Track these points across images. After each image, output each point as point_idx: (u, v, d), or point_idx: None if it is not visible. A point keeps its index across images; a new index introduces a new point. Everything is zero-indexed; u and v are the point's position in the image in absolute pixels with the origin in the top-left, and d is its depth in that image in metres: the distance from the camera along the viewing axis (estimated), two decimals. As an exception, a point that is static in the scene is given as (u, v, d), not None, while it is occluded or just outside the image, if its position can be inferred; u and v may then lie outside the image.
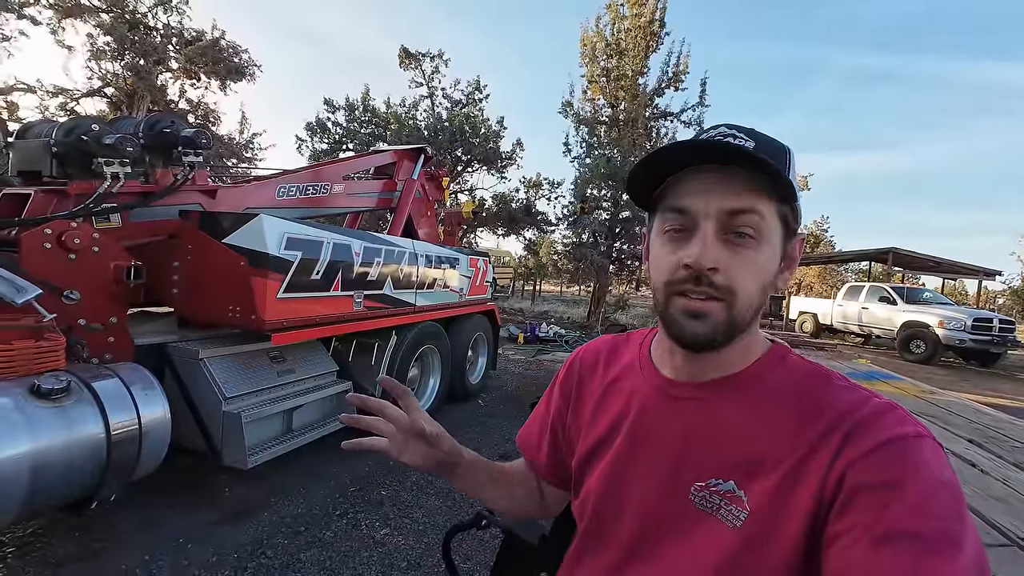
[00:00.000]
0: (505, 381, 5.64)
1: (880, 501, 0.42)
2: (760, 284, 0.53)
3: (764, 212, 0.51)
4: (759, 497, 0.50)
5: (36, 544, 2.06)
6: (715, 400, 0.57)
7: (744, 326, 0.54)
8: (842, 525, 0.43)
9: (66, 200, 2.28)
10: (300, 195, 3.50)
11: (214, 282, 2.44)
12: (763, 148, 0.52)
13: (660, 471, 0.57)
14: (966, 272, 13.96)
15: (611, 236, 10.98)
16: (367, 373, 3.27)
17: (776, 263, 0.54)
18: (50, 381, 1.65)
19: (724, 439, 0.54)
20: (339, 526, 2.39)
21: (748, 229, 0.51)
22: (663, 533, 0.56)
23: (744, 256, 0.51)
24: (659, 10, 10.55)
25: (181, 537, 2.18)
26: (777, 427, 0.52)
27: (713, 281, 0.51)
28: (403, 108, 13.18)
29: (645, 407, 0.62)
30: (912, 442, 0.45)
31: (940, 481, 0.43)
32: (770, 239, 0.52)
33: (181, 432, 2.17)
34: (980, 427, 2.38)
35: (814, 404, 0.51)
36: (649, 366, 0.64)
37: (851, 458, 0.45)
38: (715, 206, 0.51)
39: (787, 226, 0.54)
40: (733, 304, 0.51)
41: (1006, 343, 9.43)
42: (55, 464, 1.59)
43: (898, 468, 0.44)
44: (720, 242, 0.51)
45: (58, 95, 10.85)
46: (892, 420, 0.47)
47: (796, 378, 0.55)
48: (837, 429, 0.48)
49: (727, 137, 0.53)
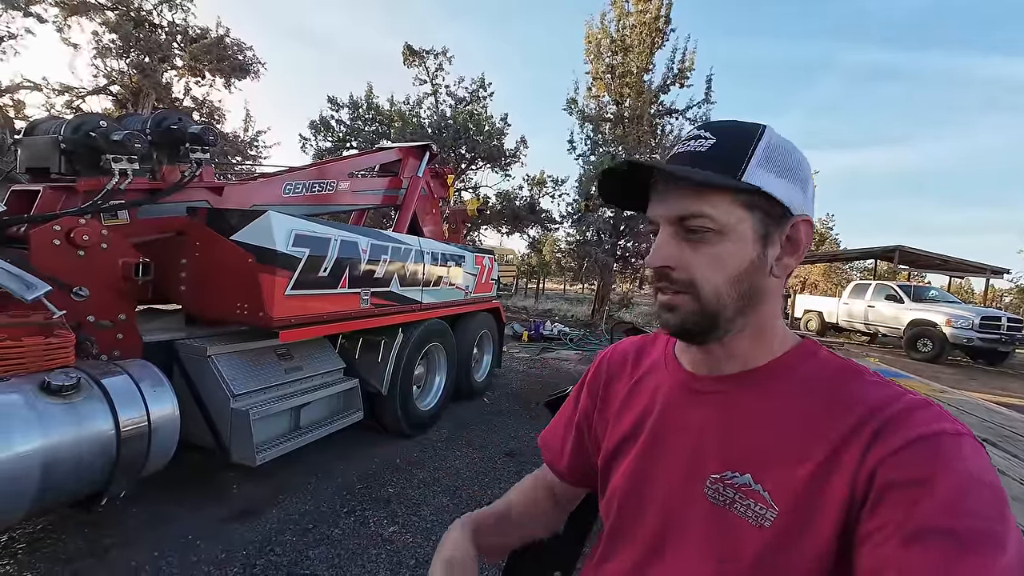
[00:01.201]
0: (510, 379, 5.63)
1: (911, 498, 0.41)
2: (726, 275, 0.53)
3: (713, 212, 0.53)
4: (785, 494, 0.48)
5: (46, 540, 2.07)
6: (737, 394, 0.56)
7: (726, 314, 0.54)
8: (873, 524, 0.42)
9: (75, 197, 2.28)
10: (306, 192, 3.50)
11: (222, 279, 2.44)
12: (719, 146, 0.54)
13: (680, 465, 0.57)
14: (973, 270, 13.83)
15: (615, 234, 10.94)
16: (374, 370, 3.27)
17: (750, 252, 0.53)
18: (60, 377, 1.64)
19: (743, 432, 0.54)
20: (347, 523, 2.39)
21: (701, 228, 0.53)
22: (682, 529, 0.55)
23: (700, 250, 0.54)
24: (665, 6, 10.48)
25: (190, 534, 2.18)
26: (804, 422, 0.51)
27: (671, 277, 0.55)
28: (407, 106, 13.15)
29: (669, 402, 0.62)
30: (948, 439, 0.44)
31: (977, 479, 0.41)
32: (733, 231, 0.53)
33: (189, 429, 2.17)
34: (994, 426, 2.35)
35: (844, 399, 0.50)
36: (673, 362, 0.65)
37: (881, 455, 0.44)
38: (665, 214, 0.56)
39: (764, 212, 0.53)
40: (698, 296, 0.54)
41: (1014, 342, 9.36)
42: (66, 460, 1.59)
43: (929, 464, 0.42)
44: (679, 241, 0.55)
45: (64, 93, 10.88)
46: (927, 416, 0.46)
47: (826, 373, 0.54)
48: (867, 425, 0.47)
49: (692, 140, 0.56)
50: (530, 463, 3.30)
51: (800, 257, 0.57)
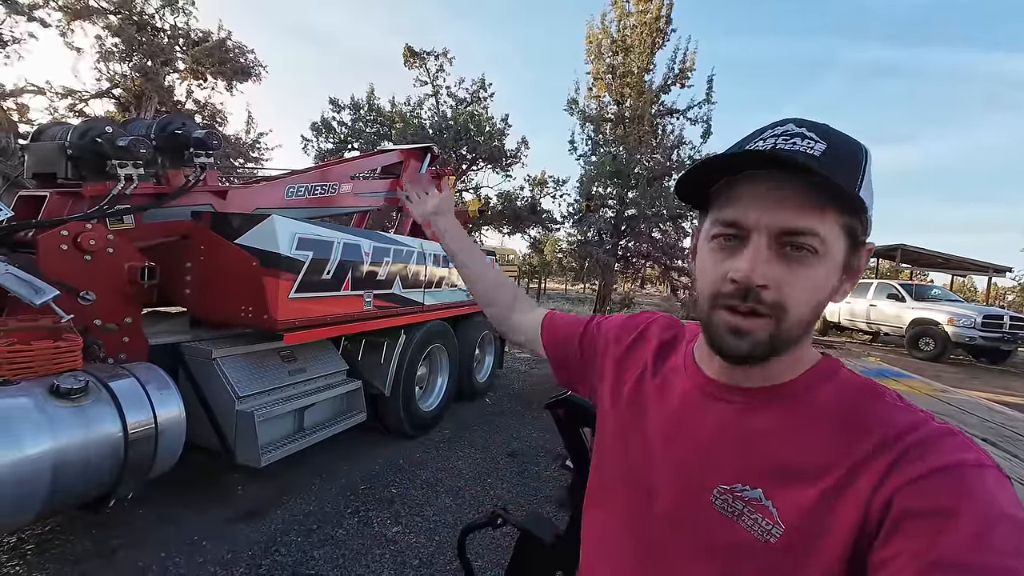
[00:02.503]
0: (512, 380, 5.65)
1: (931, 529, 0.39)
2: (814, 301, 0.49)
3: (824, 231, 0.47)
4: (794, 512, 0.47)
5: (55, 541, 2.10)
6: (755, 407, 0.54)
7: (791, 343, 0.51)
8: (887, 552, 0.41)
9: (81, 202, 2.30)
10: (309, 195, 3.52)
11: (226, 282, 2.46)
12: (835, 152, 0.47)
13: (686, 469, 0.56)
14: (975, 268, 13.81)
15: (616, 234, 10.96)
16: (377, 372, 3.29)
17: (835, 279, 0.50)
18: (69, 381, 1.67)
19: (758, 445, 0.52)
20: (351, 524, 2.41)
21: (806, 246, 0.47)
22: (683, 535, 0.54)
23: (798, 273, 0.48)
24: (665, 6, 10.51)
25: (196, 535, 2.21)
26: (820, 441, 0.49)
27: (761, 297, 0.48)
28: (408, 107, 13.19)
29: (685, 405, 0.60)
30: (971, 471, 0.42)
31: (1002, 513, 0.39)
32: (830, 254, 0.48)
33: (195, 431, 2.19)
34: (995, 426, 2.35)
35: (862, 421, 0.48)
36: (693, 367, 0.63)
37: (900, 482, 0.42)
38: (768, 221, 0.48)
39: (853, 238, 0.50)
40: (781, 321, 0.48)
41: (1017, 340, 9.32)
42: (75, 462, 1.62)
43: (952, 495, 0.40)
44: (773, 256, 0.48)
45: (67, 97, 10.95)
46: (950, 446, 0.44)
47: (846, 393, 0.52)
48: (887, 450, 0.45)
49: (793, 137, 0.48)
50: (532, 463, 3.31)
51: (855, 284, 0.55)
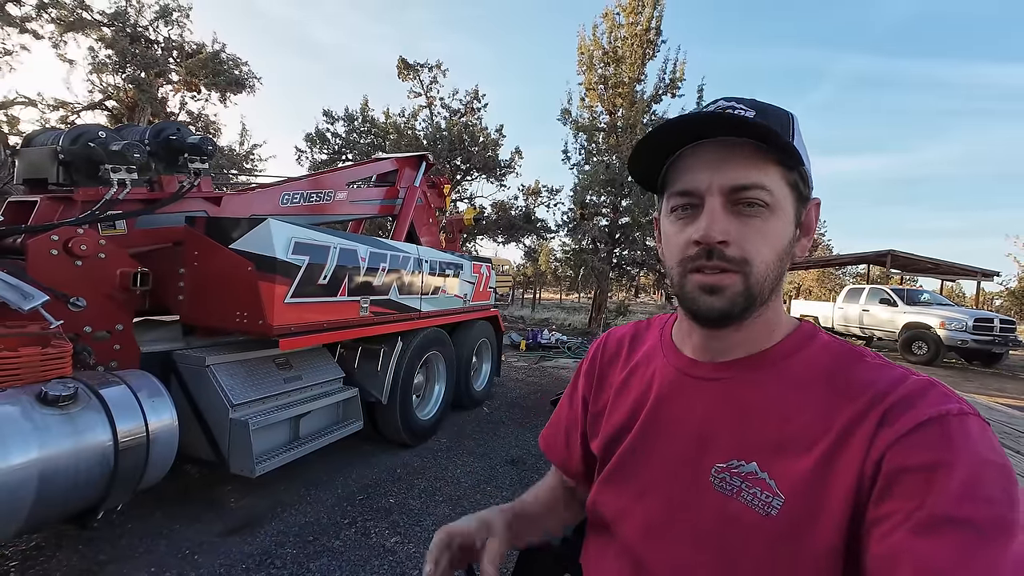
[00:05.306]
0: (509, 388, 5.60)
1: (922, 484, 0.40)
2: (776, 252, 0.51)
3: (771, 184, 0.50)
4: (792, 482, 0.47)
5: (39, 557, 2.02)
6: (739, 380, 0.55)
7: (764, 297, 0.52)
8: (883, 510, 0.41)
9: (72, 207, 2.27)
10: (304, 202, 3.51)
11: (221, 288, 2.42)
12: (764, 115, 0.51)
13: (681, 455, 0.56)
14: (964, 273, 14.00)
15: (611, 242, 11.01)
16: (373, 379, 3.24)
17: (790, 231, 0.53)
18: (57, 388, 1.62)
19: (748, 419, 0.52)
20: (348, 535, 2.35)
21: (757, 201, 0.50)
22: (686, 519, 0.53)
23: (754, 225, 0.50)
24: (655, 18, 10.68)
25: (188, 549, 2.13)
26: (808, 407, 0.49)
27: (725, 254, 0.50)
28: (402, 118, 13.27)
29: (667, 390, 0.60)
30: (955, 420, 0.43)
31: (989, 461, 0.41)
32: (781, 207, 0.51)
33: (187, 440, 2.14)
34: (995, 424, 2.36)
35: (847, 383, 0.49)
36: (671, 348, 0.63)
37: (889, 439, 0.43)
38: (718, 182, 0.50)
39: (798, 192, 0.53)
40: (749, 274, 0.50)
41: (1008, 343, 9.44)
42: (63, 472, 1.56)
43: (940, 448, 0.41)
44: (728, 214, 0.50)
45: (59, 108, 10.92)
46: (933, 398, 0.45)
47: (827, 356, 0.53)
48: (873, 409, 0.46)
49: (726, 109, 0.52)
50: (532, 471, 3.26)
51: (812, 240, 0.57)
